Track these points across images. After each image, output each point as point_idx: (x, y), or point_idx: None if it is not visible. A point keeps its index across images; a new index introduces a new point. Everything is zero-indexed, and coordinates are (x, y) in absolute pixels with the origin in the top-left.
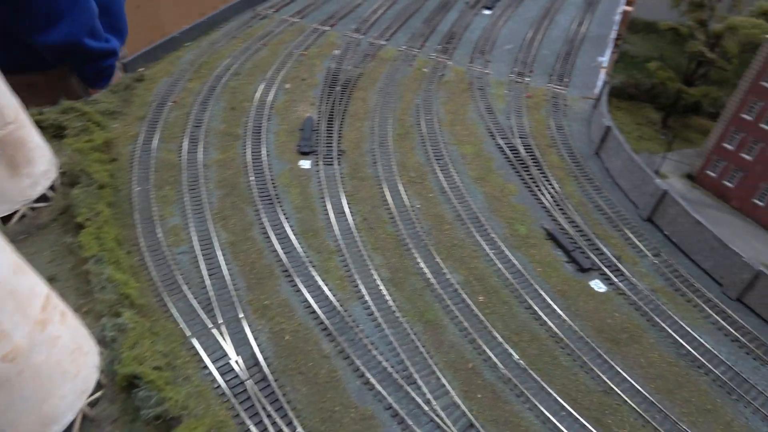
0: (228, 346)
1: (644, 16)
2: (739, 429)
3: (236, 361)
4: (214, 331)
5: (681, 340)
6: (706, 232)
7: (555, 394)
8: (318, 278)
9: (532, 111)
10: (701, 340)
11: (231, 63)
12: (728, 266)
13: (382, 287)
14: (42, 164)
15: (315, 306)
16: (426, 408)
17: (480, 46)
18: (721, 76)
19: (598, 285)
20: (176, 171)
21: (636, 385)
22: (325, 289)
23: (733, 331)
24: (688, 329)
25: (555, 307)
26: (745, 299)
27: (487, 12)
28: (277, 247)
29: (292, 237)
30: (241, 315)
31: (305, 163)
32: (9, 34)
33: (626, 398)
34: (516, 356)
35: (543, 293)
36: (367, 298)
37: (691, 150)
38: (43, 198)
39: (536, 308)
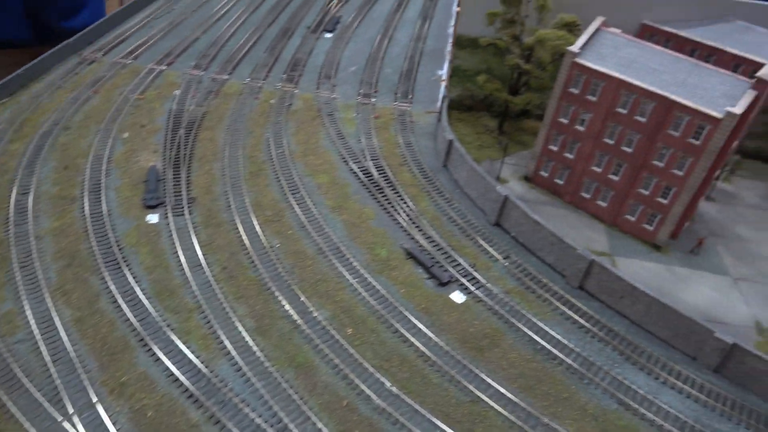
0: None
1: (468, 32)
2: (593, 410)
3: None
4: (66, 424)
5: (535, 336)
6: (544, 230)
7: (428, 414)
8: (178, 342)
9: (381, 131)
10: (552, 333)
11: (58, 117)
12: (567, 259)
13: (248, 338)
14: None
15: (178, 373)
16: None
17: (325, 71)
18: (539, 83)
19: (458, 296)
20: (3, 248)
21: (500, 388)
22: (187, 352)
23: (579, 318)
24: (541, 324)
25: (420, 326)
26: (586, 286)
27: (328, 35)
28: (130, 315)
29: (145, 301)
30: (95, 399)
31: (153, 218)
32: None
33: (492, 403)
34: (388, 384)
35: (408, 314)
36: (233, 353)
37: (526, 152)
38: None
39: (403, 331)
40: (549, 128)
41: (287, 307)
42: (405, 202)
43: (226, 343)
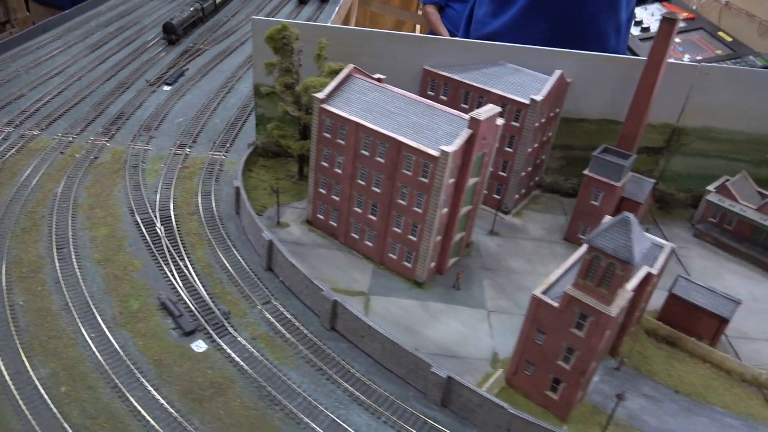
0: None
1: (266, 81)
2: None
3: None
4: None
5: (264, 383)
6: (300, 273)
7: None
8: None
9: (184, 181)
10: (285, 378)
11: None
12: (318, 300)
13: None
14: None
15: None
16: None
17: (147, 123)
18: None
19: (199, 345)
20: None
21: None
22: None
23: (318, 361)
24: (275, 370)
25: (142, 379)
26: (337, 327)
27: (167, 88)
28: None
29: None
30: None
31: None
32: None
33: None
34: None
35: (134, 368)
36: None
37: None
38: None
39: (121, 386)
40: (315, 172)
41: (1, 366)
42: (180, 252)
43: None
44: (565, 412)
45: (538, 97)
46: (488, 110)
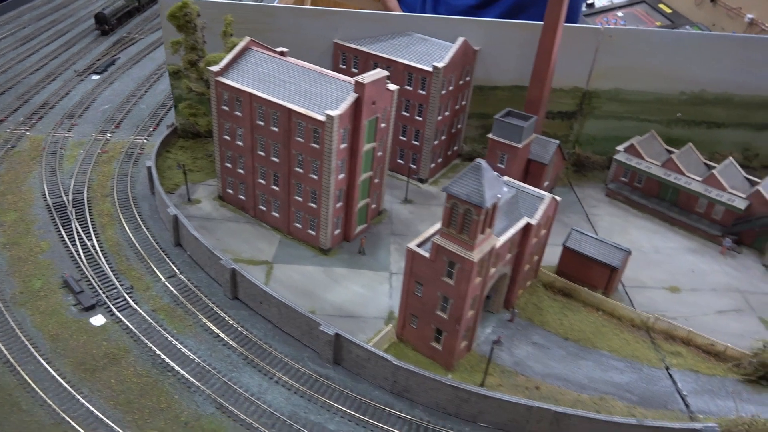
0: None
1: (174, 62)
2: (186, 417)
3: None
4: None
5: (159, 352)
6: (203, 245)
7: None
8: None
9: (102, 165)
10: (180, 346)
11: None
12: (220, 270)
13: None
14: None
15: None
16: None
17: (71, 112)
18: None
19: (98, 319)
20: None
21: (91, 407)
22: None
23: (215, 329)
24: (173, 339)
25: (36, 354)
26: (239, 296)
27: (96, 77)
28: None
29: None
30: None
31: None
32: None
33: (75, 424)
34: None
35: (29, 344)
36: None
37: None
38: None
39: (12, 361)
40: (219, 146)
41: None
42: (90, 233)
43: None
44: (449, 361)
45: (441, 64)
46: (373, 74)
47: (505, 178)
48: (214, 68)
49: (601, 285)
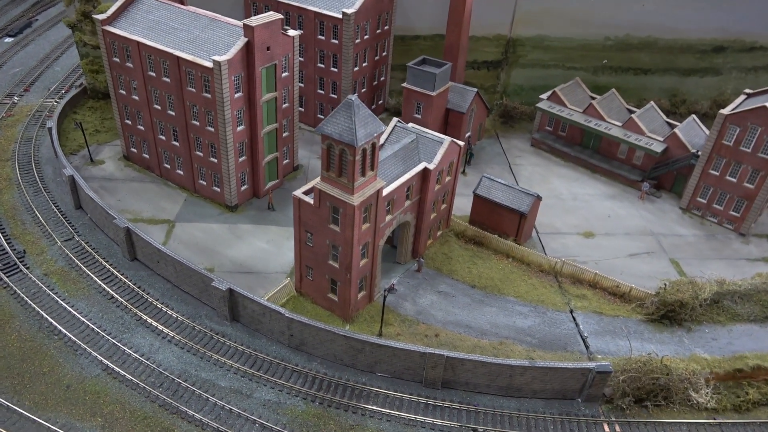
0: None
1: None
2: (68, 380)
3: None
4: None
5: (46, 315)
6: (99, 206)
7: None
8: None
9: (5, 129)
10: (71, 309)
11: None
12: (115, 230)
13: None
14: None
15: None
16: None
17: None
18: None
19: None
20: None
21: None
22: None
23: (110, 290)
24: (63, 302)
25: None
26: (138, 256)
27: (9, 40)
28: None
29: None
30: None
31: None
32: None
33: None
34: None
35: None
36: None
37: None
38: None
39: None
40: (116, 102)
41: None
42: None
43: None
44: (346, 312)
45: (351, 10)
46: (264, 17)
47: (411, 125)
48: (100, 16)
49: (512, 232)
